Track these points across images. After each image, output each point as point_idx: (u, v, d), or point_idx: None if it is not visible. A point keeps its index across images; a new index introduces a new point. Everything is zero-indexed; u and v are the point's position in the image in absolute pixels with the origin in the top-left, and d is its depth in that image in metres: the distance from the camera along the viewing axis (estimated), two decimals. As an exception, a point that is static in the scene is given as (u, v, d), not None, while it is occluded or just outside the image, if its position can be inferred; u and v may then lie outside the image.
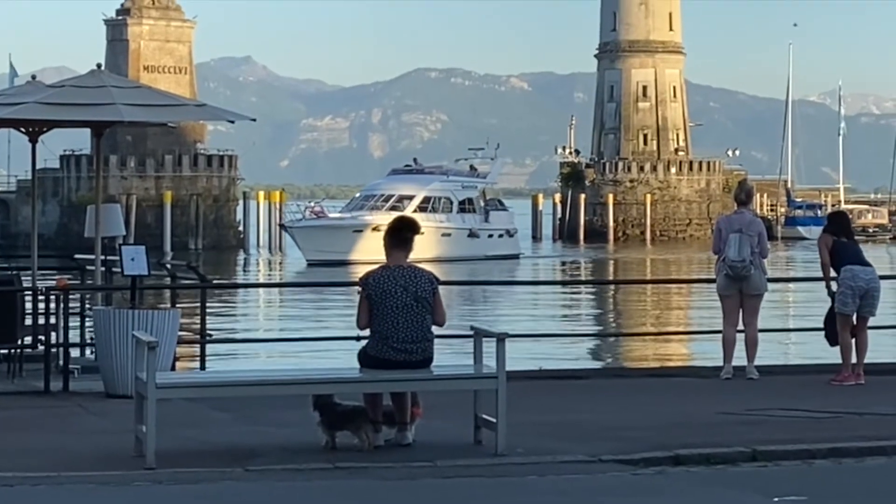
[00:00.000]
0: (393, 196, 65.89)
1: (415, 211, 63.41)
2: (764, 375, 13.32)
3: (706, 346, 21.45)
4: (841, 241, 13.06)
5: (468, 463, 9.18)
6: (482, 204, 70.68)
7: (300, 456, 9.25)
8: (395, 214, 70.52)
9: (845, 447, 9.74)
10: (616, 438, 9.93)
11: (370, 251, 59.71)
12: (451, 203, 67.19)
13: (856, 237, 13.53)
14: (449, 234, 63.96)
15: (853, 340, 13.03)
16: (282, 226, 70.26)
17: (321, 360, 20.32)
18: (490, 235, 68.61)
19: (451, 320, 10.17)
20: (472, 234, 66.70)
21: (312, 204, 74.32)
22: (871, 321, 13.25)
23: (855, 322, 13.07)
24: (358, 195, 71.86)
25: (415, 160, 75.50)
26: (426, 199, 65.74)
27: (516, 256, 68.55)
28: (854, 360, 13.08)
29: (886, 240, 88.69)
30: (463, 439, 9.73)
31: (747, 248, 13.09)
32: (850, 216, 16.70)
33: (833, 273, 13.10)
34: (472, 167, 72.80)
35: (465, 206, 68.33)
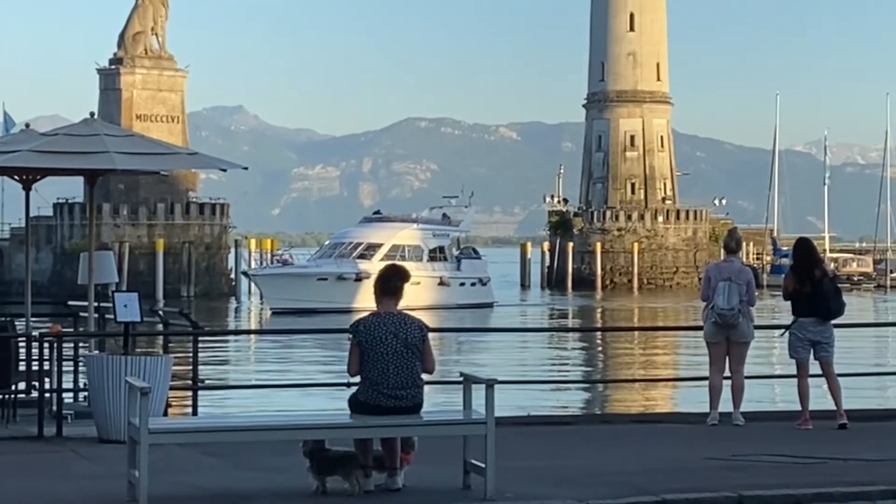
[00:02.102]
0: (361, 244, 65.59)
1: (382, 259, 63.29)
2: (750, 421, 13.41)
3: (693, 392, 21.57)
4: (802, 291, 13.12)
5: (458, 507, 9.27)
6: (454, 252, 70.19)
7: (291, 501, 9.31)
8: (363, 262, 69.98)
9: (830, 492, 9.81)
10: (603, 483, 10.01)
11: (335, 299, 59.64)
12: (421, 251, 66.56)
13: (829, 277, 13.41)
14: (418, 283, 63.69)
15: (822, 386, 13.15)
16: (245, 274, 69.77)
17: (312, 405, 20.39)
18: (462, 284, 67.94)
19: (438, 367, 10.27)
20: (443, 283, 65.75)
21: (280, 252, 74.30)
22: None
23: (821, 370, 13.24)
24: (327, 243, 71.62)
25: (377, 212, 75.12)
26: (394, 247, 65.21)
27: (490, 305, 67.78)
28: (833, 405, 13.24)
29: (871, 288, 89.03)
30: (452, 484, 9.80)
31: (736, 297, 13.19)
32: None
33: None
34: (444, 215, 72.56)
35: (436, 255, 67.66)
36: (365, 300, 57.12)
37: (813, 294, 12.99)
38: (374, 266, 63.17)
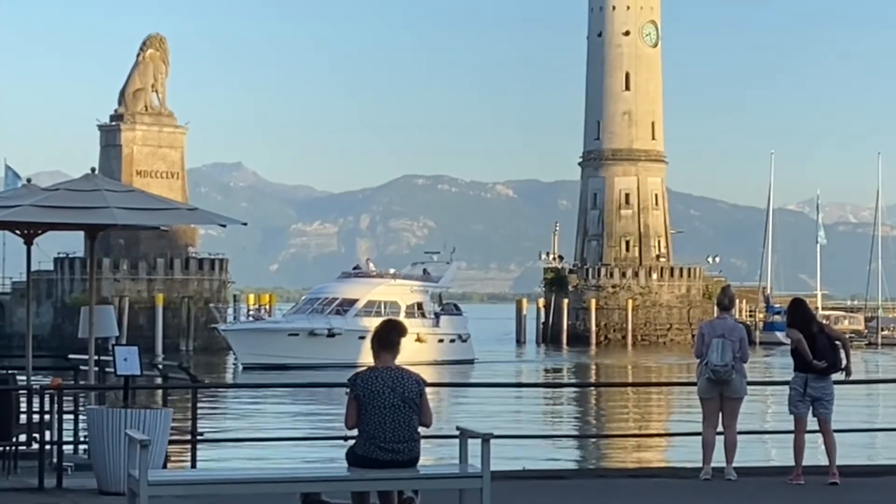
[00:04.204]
0: (337, 299, 65.27)
1: (357, 314, 63.10)
2: (742, 476, 13.49)
3: (686, 447, 21.67)
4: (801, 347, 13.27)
5: (453, 559, 9.36)
6: (434, 308, 69.58)
7: (289, 551, 9.42)
8: (337, 318, 68.61)
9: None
10: (597, 536, 10.11)
11: (306, 355, 59.30)
12: (398, 307, 65.79)
13: (824, 333, 13.55)
14: None
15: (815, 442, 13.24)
16: (214, 328, 69.33)
17: (309, 458, 20.46)
18: (440, 340, 67.32)
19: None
20: (419, 339, 64.49)
21: (256, 306, 74.23)
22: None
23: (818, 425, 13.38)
24: (304, 298, 71.38)
25: (356, 267, 74.71)
26: (370, 303, 64.80)
27: (470, 362, 67.18)
28: (826, 461, 13.35)
29: (862, 346, 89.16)
30: (448, 536, 9.91)
31: (729, 353, 13.32)
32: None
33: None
34: (425, 271, 72.03)
35: (413, 311, 66.93)
36: (337, 356, 57.06)
37: (811, 350, 13.15)
38: (349, 322, 63.10)
